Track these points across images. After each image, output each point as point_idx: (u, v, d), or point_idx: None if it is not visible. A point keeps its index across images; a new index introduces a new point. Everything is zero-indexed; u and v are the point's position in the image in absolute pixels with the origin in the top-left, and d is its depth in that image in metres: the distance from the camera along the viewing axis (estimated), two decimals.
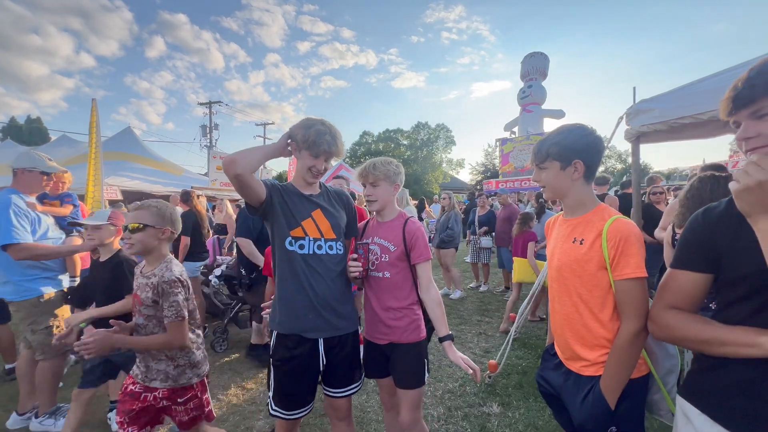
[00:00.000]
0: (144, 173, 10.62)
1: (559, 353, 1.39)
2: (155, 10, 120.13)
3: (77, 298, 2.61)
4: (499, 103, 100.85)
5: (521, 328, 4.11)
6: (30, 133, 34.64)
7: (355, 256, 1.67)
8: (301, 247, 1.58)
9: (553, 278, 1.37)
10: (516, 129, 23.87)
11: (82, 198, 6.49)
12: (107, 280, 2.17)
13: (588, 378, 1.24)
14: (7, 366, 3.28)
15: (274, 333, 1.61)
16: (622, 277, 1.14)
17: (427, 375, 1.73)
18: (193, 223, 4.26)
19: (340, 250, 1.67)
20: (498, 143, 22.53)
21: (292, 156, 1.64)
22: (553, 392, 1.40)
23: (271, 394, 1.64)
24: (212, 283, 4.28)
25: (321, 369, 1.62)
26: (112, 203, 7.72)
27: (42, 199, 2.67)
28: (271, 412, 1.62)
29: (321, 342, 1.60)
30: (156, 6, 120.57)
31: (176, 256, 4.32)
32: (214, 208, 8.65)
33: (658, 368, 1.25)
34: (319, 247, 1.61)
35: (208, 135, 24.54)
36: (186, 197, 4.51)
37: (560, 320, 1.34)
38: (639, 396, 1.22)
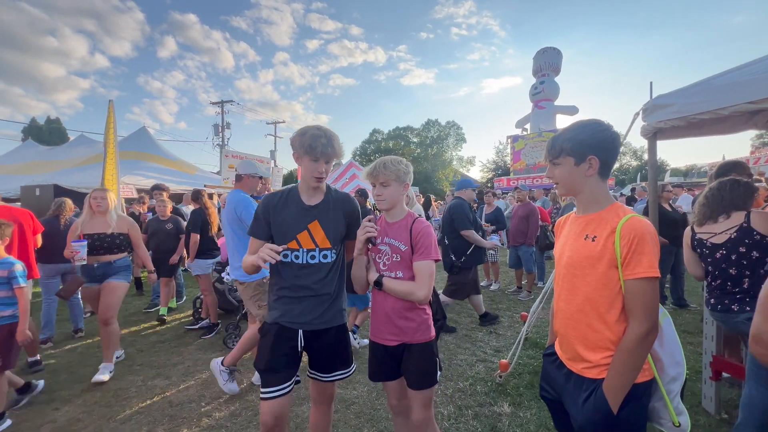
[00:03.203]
0: (159, 172, 10.83)
1: (560, 353, 1.36)
2: (166, 11, 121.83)
3: None
4: (511, 99, 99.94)
5: (533, 328, 4.06)
6: (50, 133, 35.68)
7: (371, 217, 1.72)
8: (296, 257, 1.70)
9: (560, 276, 1.34)
10: (528, 126, 23.55)
11: None
12: None
13: (590, 380, 1.21)
14: (30, 359, 3.41)
15: None
16: (634, 277, 1.11)
17: (439, 373, 1.73)
18: (202, 221, 4.36)
19: (334, 257, 1.75)
20: (509, 140, 22.30)
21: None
22: (554, 396, 1.37)
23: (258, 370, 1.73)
24: (225, 280, 4.35)
25: (300, 348, 1.72)
26: (128, 201, 7.90)
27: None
28: (262, 395, 1.69)
29: (300, 332, 1.72)
30: (167, 6, 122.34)
31: (187, 253, 4.46)
32: None
33: (662, 375, 1.22)
34: (313, 257, 1.71)
35: (221, 134, 24.86)
36: (196, 196, 4.63)
37: (564, 319, 1.31)
38: (642, 401, 1.18)
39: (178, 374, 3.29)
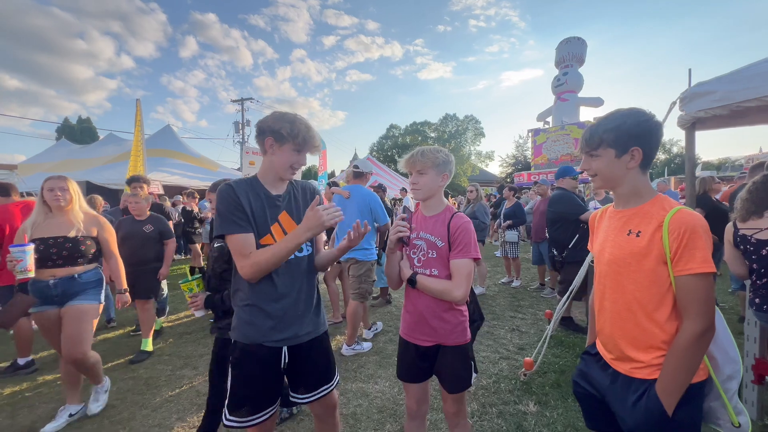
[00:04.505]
0: (183, 169, 11.17)
1: (603, 352, 1.31)
2: (187, 11, 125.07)
3: None
4: (531, 92, 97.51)
5: (558, 326, 3.96)
6: (81, 132, 37.16)
7: (404, 215, 1.60)
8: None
9: (602, 274, 1.28)
10: (550, 119, 22.90)
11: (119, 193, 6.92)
12: None
13: (640, 381, 1.15)
14: (21, 360, 3.26)
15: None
16: (687, 272, 1.05)
17: (474, 375, 1.66)
18: None
19: (309, 249, 1.59)
20: (530, 134, 21.72)
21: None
22: (594, 393, 1.32)
23: (226, 402, 1.49)
24: None
25: (283, 368, 1.53)
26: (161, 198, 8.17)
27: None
28: (225, 422, 1.47)
29: (285, 349, 1.51)
30: (187, 6, 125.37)
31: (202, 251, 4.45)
32: None
33: (718, 373, 1.16)
34: None
35: (241, 131, 25.32)
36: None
37: (609, 319, 1.25)
38: (697, 402, 1.13)
39: (205, 365, 3.37)
